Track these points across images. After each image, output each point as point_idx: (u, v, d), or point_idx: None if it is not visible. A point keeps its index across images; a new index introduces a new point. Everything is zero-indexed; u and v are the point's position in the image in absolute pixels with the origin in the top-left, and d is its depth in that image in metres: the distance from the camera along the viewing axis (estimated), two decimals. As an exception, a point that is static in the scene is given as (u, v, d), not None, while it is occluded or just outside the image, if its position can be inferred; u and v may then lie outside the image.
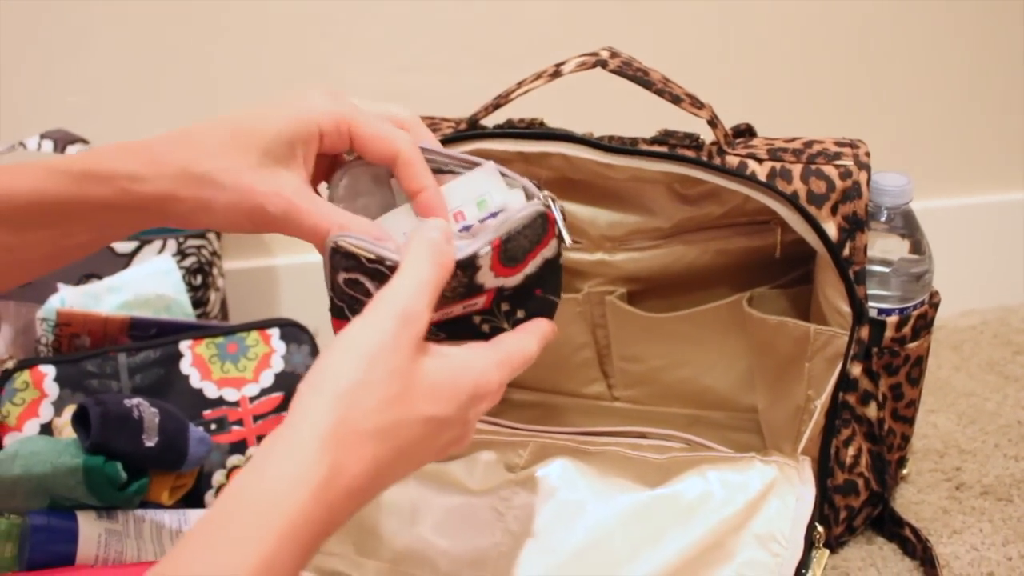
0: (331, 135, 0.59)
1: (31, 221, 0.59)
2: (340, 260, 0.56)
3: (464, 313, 0.59)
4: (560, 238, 0.59)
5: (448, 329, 0.59)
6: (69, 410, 0.78)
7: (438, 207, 0.59)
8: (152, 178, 0.57)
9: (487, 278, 0.57)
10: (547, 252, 0.59)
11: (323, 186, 0.64)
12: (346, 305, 0.58)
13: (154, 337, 0.87)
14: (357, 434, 0.48)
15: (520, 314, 0.59)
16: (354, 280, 0.56)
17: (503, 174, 0.60)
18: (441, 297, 0.55)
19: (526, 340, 0.58)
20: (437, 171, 0.60)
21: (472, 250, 0.56)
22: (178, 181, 0.57)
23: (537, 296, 0.59)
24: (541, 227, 0.58)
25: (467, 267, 0.56)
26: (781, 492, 0.65)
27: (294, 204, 0.57)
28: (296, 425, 0.48)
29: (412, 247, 0.54)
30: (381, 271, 0.55)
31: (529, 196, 0.59)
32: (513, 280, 0.58)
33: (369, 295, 0.56)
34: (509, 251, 0.57)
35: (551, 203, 0.58)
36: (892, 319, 0.77)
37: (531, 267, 0.58)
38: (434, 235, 0.54)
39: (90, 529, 0.71)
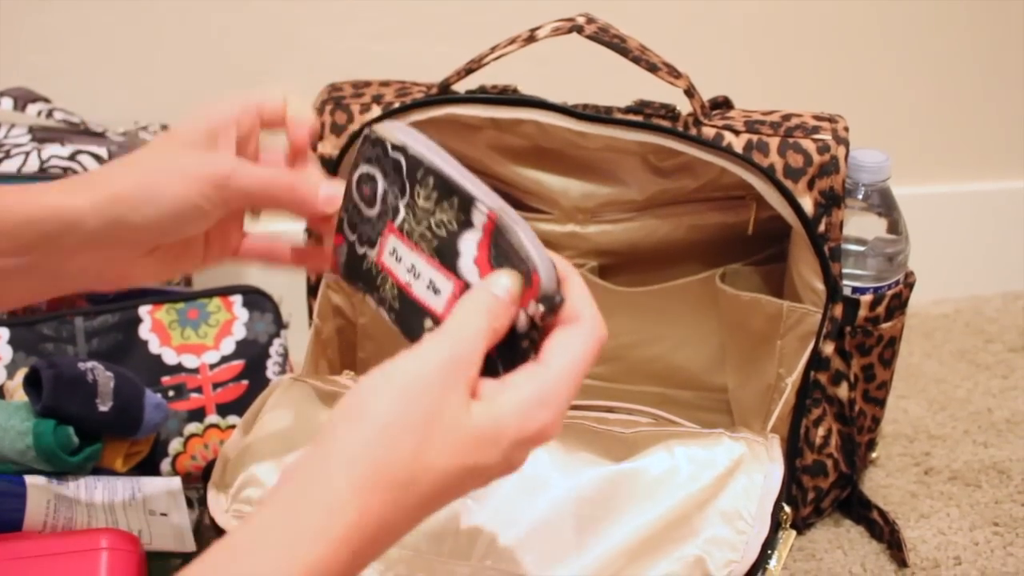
0: (244, 126, 0.60)
1: None
2: (367, 149, 0.57)
3: (422, 304, 0.53)
4: (533, 322, 0.49)
5: (403, 307, 0.54)
6: (21, 373, 0.76)
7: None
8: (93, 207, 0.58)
9: (468, 255, 0.51)
10: (520, 317, 0.50)
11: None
12: (347, 216, 0.58)
13: (113, 301, 0.85)
14: (389, 484, 0.45)
15: None
16: (368, 176, 0.57)
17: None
18: (428, 220, 0.53)
19: (573, 351, 0.49)
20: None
21: (475, 191, 0.51)
22: (126, 195, 0.58)
23: (490, 358, 0.50)
24: (527, 274, 0.49)
25: (464, 203, 0.51)
26: (749, 469, 0.64)
27: (237, 164, 0.59)
28: (327, 462, 0.46)
29: (471, 297, 0.50)
30: (400, 166, 0.54)
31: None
32: None
33: (373, 202, 0.56)
34: (499, 248, 0.50)
35: (544, 276, 0.49)
36: (866, 298, 0.76)
37: None
38: (499, 293, 0.49)
39: (39, 495, 0.69)
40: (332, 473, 0.45)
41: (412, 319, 0.54)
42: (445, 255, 0.52)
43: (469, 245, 0.51)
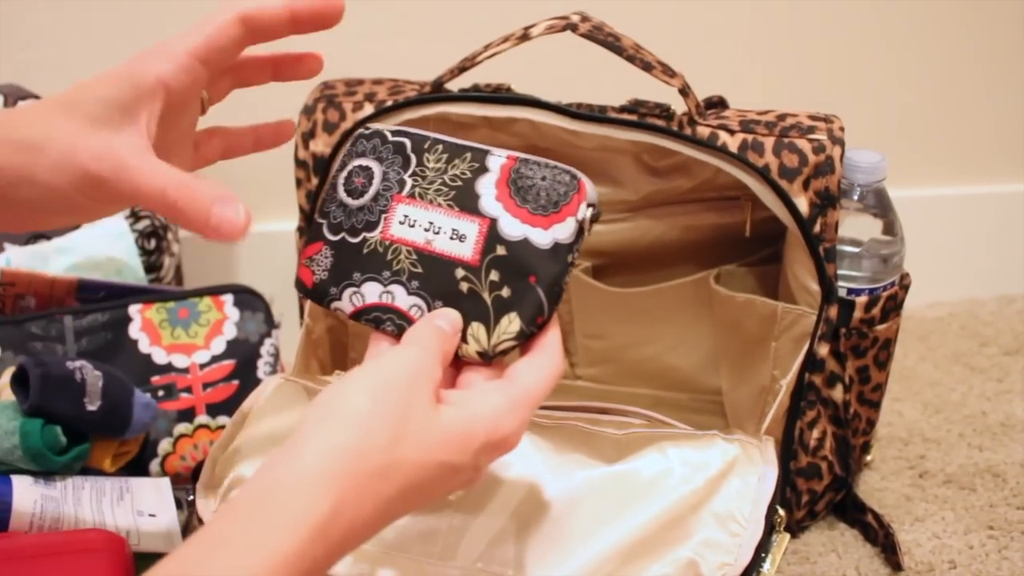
0: (180, 79, 0.54)
1: None
2: (360, 144, 0.59)
3: (448, 256, 0.56)
4: (580, 231, 0.55)
5: (426, 268, 0.56)
6: (9, 372, 0.75)
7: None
8: None
9: (488, 194, 0.56)
10: (559, 232, 0.55)
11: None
12: (327, 220, 0.59)
13: (103, 300, 0.84)
14: (364, 473, 0.46)
15: (505, 293, 0.55)
16: (363, 168, 0.58)
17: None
18: (440, 178, 0.57)
19: (540, 373, 0.53)
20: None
21: (486, 146, 0.57)
22: None
23: (529, 284, 0.55)
24: (566, 187, 0.55)
25: (477, 155, 0.57)
26: (742, 471, 0.63)
27: (125, 162, 0.51)
28: (301, 454, 0.46)
29: (421, 327, 0.54)
30: (403, 146, 0.58)
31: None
32: (513, 229, 0.55)
33: (366, 189, 0.58)
34: (522, 181, 0.56)
35: (588, 183, 0.56)
36: (861, 299, 0.76)
37: (537, 233, 0.55)
38: (442, 324, 0.54)
39: (25, 494, 0.69)
40: (306, 464, 0.46)
41: (440, 274, 0.56)
42: (464, 202, 0.56)
43: (487, 187, 0.56)
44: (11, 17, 0.99)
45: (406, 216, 0.57)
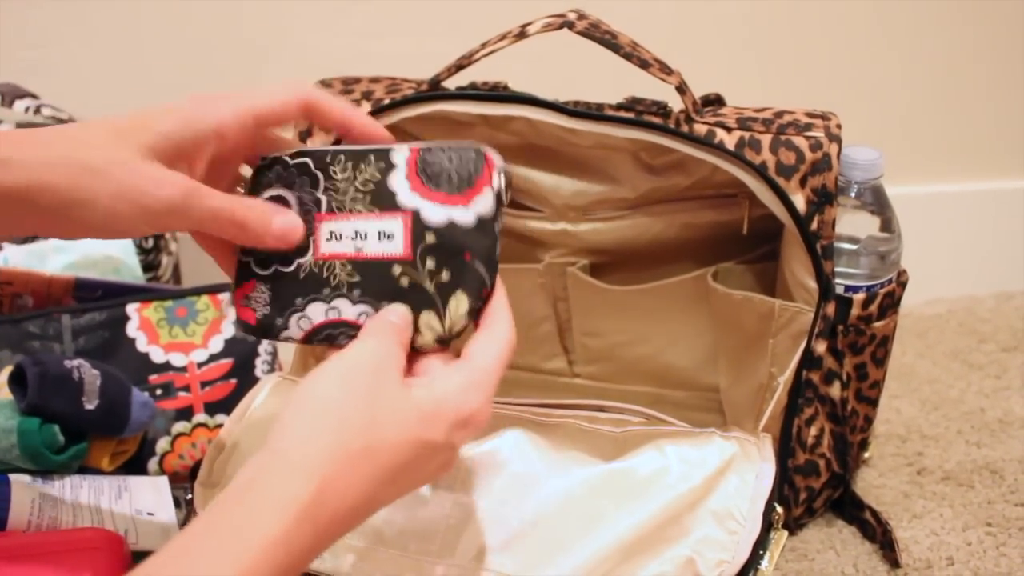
0: (234, 132, 0.55)
1: None
2: (264, 176, 0.59)
3: (381, 258, 0.56)
4: (499, 199, 0.56)
5: (363, 274, 0.56)
6: (7, 371, 0.75)
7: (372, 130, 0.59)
8: (23, 163, 0.51)
9: (402, 189, 0.56)
10: (480, 205, 0.55)
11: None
12: (253, 258, 0.59)
13: (100, 299, 0.84)
14: (345, 456, 0.48)
15: (445, 276, 0.55)
16: (276, 198, 0.58)
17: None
18: (352, 187, 0.57)
19: (494, 348, 0.54)
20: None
21: (385, 145, 0.58)
22: (55, 168, 0.52)
23: (466, 262, 0.55)
24: (474, 162, 0.55)
25: (380, 156, 0.57)
26: (740, 469, 0.64)
27: (191, 187, 0.53)
28: (281, 445, 0.48)
29: (375, 322, 0.55)
30: (306, 166, 0.58)
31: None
32: (435, 215, 0.55)
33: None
34: (430, 168, 0.56)
35: (494, 153, 0.56)
36: (859, 296, 0.76)
37: (459, 212, 0.55)
38: (394, 319, 0.55)
39: (23, 494, 0.69)
40: (287, 452, 0.47)
41: (378, 277, 0.57)
42: (383, 201, 0.57)
43: (400, 182, 0.56)
44: (9, 16, 0.99)
45: (331, 232, 0.57)
